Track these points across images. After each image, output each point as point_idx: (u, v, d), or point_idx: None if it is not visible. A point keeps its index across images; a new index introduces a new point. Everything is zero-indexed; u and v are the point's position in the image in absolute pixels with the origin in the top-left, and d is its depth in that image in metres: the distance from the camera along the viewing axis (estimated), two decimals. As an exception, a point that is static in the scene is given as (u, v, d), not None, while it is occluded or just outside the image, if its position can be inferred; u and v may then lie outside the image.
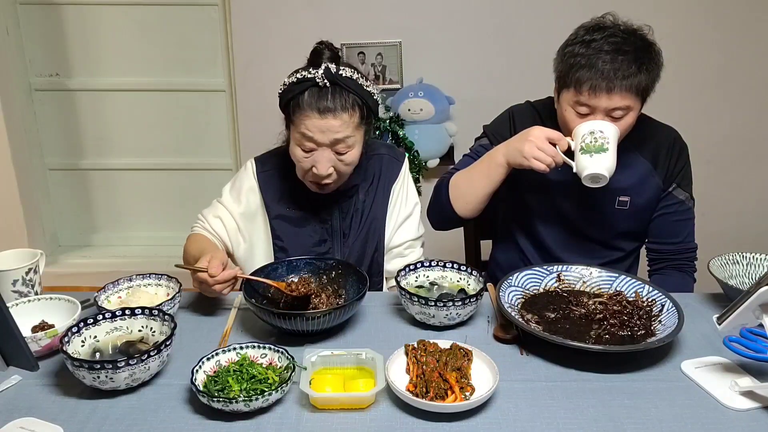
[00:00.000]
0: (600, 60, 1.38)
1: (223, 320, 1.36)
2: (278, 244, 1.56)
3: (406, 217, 1.63)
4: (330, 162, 1.41)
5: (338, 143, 1.40)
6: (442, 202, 1.61)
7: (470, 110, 2.82)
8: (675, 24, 2.67)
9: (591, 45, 1.41)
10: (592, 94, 1.40)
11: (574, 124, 1.44)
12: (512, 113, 1.67)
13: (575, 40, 1.45)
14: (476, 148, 1.69)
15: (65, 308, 1.29)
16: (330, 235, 1.57)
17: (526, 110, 1.66)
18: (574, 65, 1.41)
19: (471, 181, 1.57)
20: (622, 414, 1.07)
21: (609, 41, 1.40)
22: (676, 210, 1.60)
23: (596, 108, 1.41)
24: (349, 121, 1.39)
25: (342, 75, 1.39)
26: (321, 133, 1.38)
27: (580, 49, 1.42)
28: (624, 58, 1.38)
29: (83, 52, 2.91)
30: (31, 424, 1.03)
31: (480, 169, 1.55)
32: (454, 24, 2.73)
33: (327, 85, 1.38)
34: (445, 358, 1.15)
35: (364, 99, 1.42)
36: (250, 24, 2.71)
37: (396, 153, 1.67)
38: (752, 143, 2.90)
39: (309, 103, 1.37)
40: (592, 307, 1.35)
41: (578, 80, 1.40)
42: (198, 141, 3.05)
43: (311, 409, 1.07)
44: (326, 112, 1.37)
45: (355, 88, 1.40)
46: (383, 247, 1.60)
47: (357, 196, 1.58)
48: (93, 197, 3.16)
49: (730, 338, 1.23)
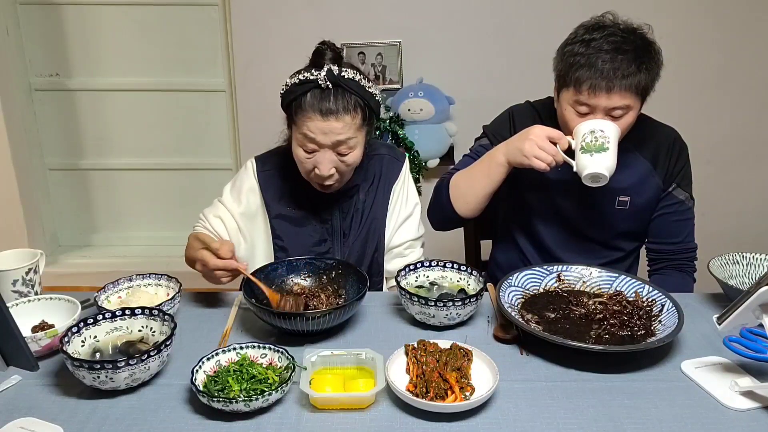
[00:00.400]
0: (600, 59, 1.38)
1: (223, 320, 1.36)
2: (278, 243, 1.56)
3: (406, 217, 1.63)
4: (332, 163, 1.42)
5: (340, 145, 1.40)
6: (442, 203, 1.61)
7: (470, 110, 2.82)
8: (675, 24, 2.67)
9: (591, 44, 1.41)
10: (591, 93, 1.40)
11: (574, 123, 1.44)
12: (512, 113, 1.67)
13: (575, 39, 1.45)
14: (476, 149, 1.69)
15: (65, 308, 1.29)
16: (330, 235, 1.57)
17: (526, 110, 1.67)
18: (574, 64, 1.41)
19: (471, 180, 1.57)
20: (622, 414, 1.07)
21: (609, 40, 1.40)
22: (675, 210, 1.60)
23: (596, 107, 1.41)
24: (351, 122, 1.39)
25: (344, 77, 1.39)
26: (323, 135, 1.38)
27: (579, 48, 1.42)
28: (624, 57, 1.39)
29: (83, 52, 2.91)
30: (31, 424, 1.03)
31: (480, 169, 1.56)
32: (454, 24, 2.74)
33: (329, 86, 1.38)
34: (445, 358, 1.15)
35: (366, 100, 1.42)
36: (250, 24, 2.71)
37: (396, 153, 1.67)
38: (752, 143, 2.90)
39: (311, 105, 1.37)
40: (592, 307, 1.35)
41: (578, 79, 1.40)
42: (198, 141, 3.05)
43: (311, 409, 1.07)
44: (329, 114, 1.37)
45: (358, 90, 1.40)
46: (383, 247, 1.61)
47: (357, 196, 1.58)
48: (93, 197, 3.16)
49: (730, 338, 1.23)
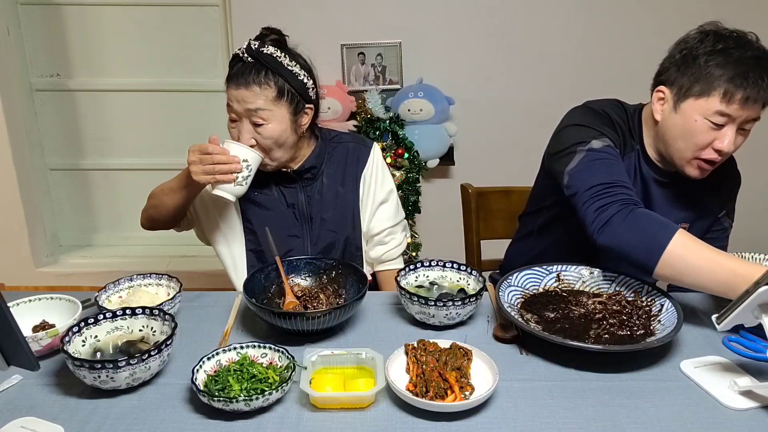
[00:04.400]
0: (752, 71, 1.33)
1: (224, 320, 1.36)
2: (248, 226, 1.61)
3: (381, 202, 1.66)
4: (249, 134, 1.49)
5: (251, 114, 1.47)
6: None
7: (470, 110, 2.83)
8: (676, 24, 2.67)
9: (733, 55, 1.35)
10: (742, 105, 1.34)
11: (706, 135, 1.38)
12: (603, 107, 1.53)
13: (710, 50, 1.38)
14: (604, 150, 1.43)
15: (66, 308, 1.30)
16: (298, 219, 1.61)
17: (606, 106, 1.54)
18: (723, 75, 1.35)
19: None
20: (622, 414, 1.07)
21: (748, 53, 1.35)
22: (718, 236, 1.61)
23: (737, 118, 1.37)
24: (261, 93, 1.46)
25: (263, 51, 1.48)
26: (236, 103, 1.48)
27: (720, 59, 1.36)
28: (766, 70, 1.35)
29: (84, 52, 2.91)
30: (31, 423, 1.03)
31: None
32: (454, 24, 2.74)
33: (248, 60, 1.48)
34: (445, 357, 1.15)
35: (285, 78, 1.48)
36: (250, 24, 2.70)
37: (363, 141, 1.70)
38: (752, 143, 2.89)
39: (232, 76, 1.49)
40: (591, 307, 1.35)
41: (727, 91, 1.34)
42: (198, 141, 3.04)
43: (311, 408, 1.08)
44: (240, 84, 1.47)
45: (274, 65, 1.47)
46: (358, 234, 1.64)
47: (321, 180, 1.62)
48: (94, 197, 3.17)
49: (729, 338, 1.24)
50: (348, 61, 2.77)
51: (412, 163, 2.66)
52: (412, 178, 2.66)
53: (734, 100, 1.34)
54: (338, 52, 2.74)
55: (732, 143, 1.40)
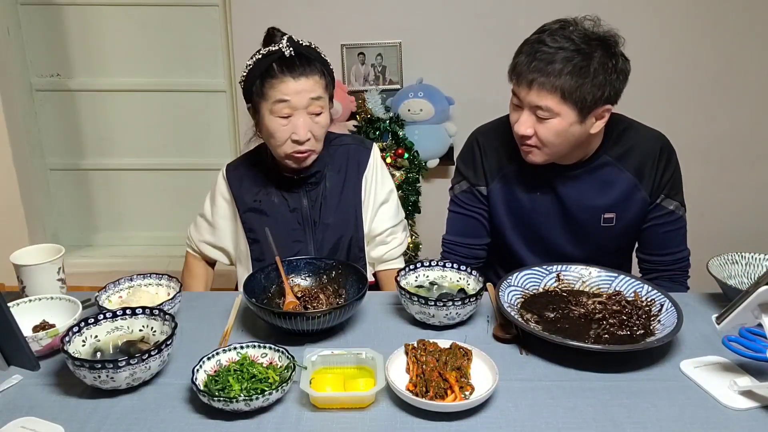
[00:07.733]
0: (539, 52, 1.35)
1: (224, 320, 1.36)
2: (250, 236, 1.60)
3: (381, 202, 1.66)
4: (307, 126, 1.47)
5: (312, 104, 1.46)
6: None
7: (470, 111, 2.82)
8: (674, 24, 2.68)
9: (540, 38, 1.38)
10: (517, 84, 1.40)
11: (513, 116, 1.44)
12: (476, 137, 1.64)
13: (540, 30, 1.42)
14: (458, 198, 1.65)
15: (66, 308, 1.30)
16: (301, 224, 1.59)
17: (492, 129, 1.64)
18: (520, 52, 1.40)
19: None
20: (622, 414, 1.07)
21: (557, 38, 1.36)
22: (665, 221, 1.56)
23: (522, 101, 1.40)
24: (320, 81, 1.47)
25: (303, 44, 1.48)
26: (297, 95, 1.44)
27: (533, 37, 1.40)
28: (565, 56, 1.33)
29: (84, 52, 2.91)
30: (32, 423, 1.03)
31: None
32: (454, 24, 2.74)
33: (292, 53, 1.45)
34: (445, 357, 1.15)
35: (325, 66, 1.50)
36: (250, 24, 2.71)
37: (363, 142, 1.70)
38: (751, 143, 2.90)
39: (281, 70, 1.44)
40: (591, 307, 1.35)
41: (513, 67, 1.41)
42: (198, 141, 3.05)
43: (311, 408, 1.08)
44: (299, 75, 1.44)
45: (317, 56, 1.49)
46: (361, 236, 1.63)
47: (324, 183, 1.60)
48: (94, 197, 3.17)
49: (729, 338, 1.24)
50: (348, 61, 2.77)
51: (412, 163, 2.66)
52: (412, 178, 2.66)
53: (512, 77, 1.42)
54: (338, 52, 2.74)
55: (524, 125, 1.42)
